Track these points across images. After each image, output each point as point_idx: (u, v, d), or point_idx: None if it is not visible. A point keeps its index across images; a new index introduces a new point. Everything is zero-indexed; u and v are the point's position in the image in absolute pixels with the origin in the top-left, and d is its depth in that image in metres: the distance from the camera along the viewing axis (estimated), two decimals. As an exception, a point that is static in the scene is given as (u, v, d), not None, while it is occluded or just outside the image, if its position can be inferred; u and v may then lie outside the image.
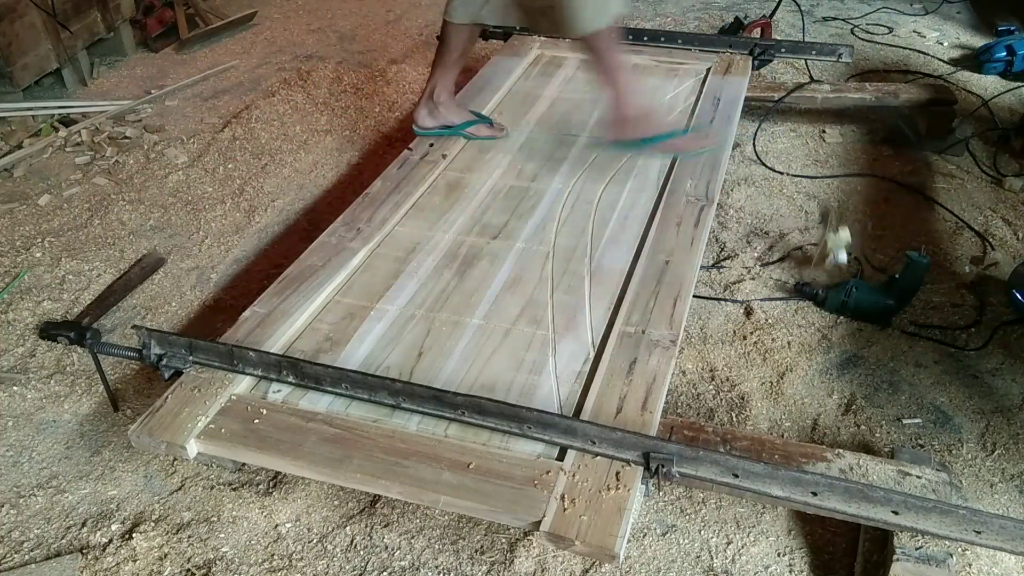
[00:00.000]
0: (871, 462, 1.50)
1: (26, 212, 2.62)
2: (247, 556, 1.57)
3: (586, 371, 1.64)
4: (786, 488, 1.36)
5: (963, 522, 1.29)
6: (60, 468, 1.76)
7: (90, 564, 1.55)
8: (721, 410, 1.88)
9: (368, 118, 3.18)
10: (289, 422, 1.51)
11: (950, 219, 2.52)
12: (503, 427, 1.47)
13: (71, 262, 2.37)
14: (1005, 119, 3.03)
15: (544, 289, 1.85)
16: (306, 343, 1.72)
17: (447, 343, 1.71)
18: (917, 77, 3.39)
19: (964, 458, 1.77)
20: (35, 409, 1.90)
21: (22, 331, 2.13)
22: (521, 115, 2.61)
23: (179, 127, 3.15)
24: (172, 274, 2.36)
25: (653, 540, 1.59)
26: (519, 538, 1.58)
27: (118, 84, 3.54)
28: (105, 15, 3.54)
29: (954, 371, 1.99)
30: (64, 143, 3.00)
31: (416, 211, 2.14)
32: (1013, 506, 1.67)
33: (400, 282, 1.88)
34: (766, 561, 1.56)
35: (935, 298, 2.21)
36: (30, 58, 3.17)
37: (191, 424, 1.50)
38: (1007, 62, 3.39)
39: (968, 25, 3.98)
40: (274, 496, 1.67)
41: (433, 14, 4.27)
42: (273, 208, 2.64)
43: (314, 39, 4.00)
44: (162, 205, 2.65)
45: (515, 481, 1.39)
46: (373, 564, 1.55)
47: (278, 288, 1.85)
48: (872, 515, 1.33)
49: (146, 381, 1.96)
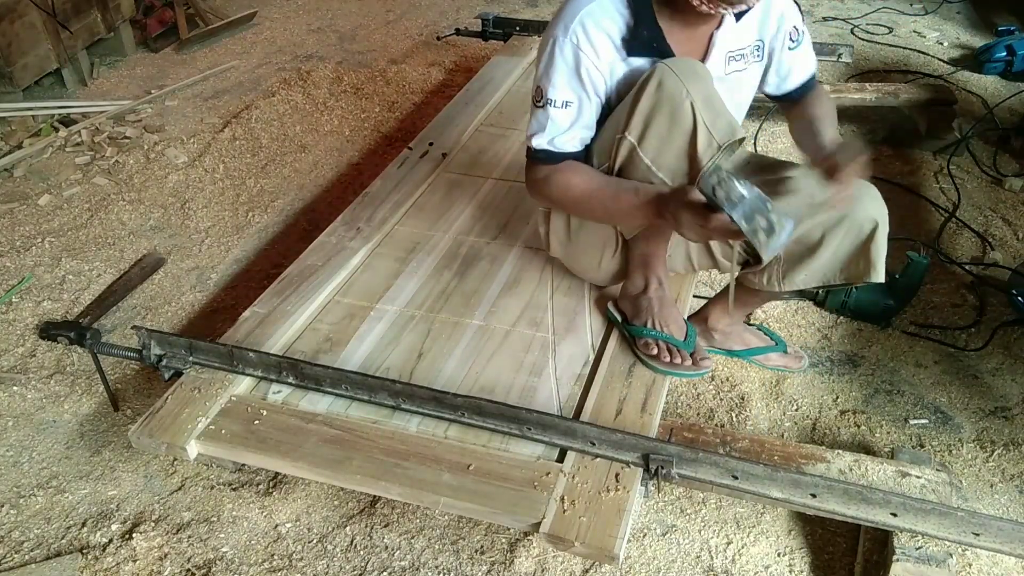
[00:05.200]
0: (871, 462, 1.50)
1: (26, 212, 2.62)
2: (247, 556, 1.57)
3: (586, 373, 1.64)
4: (785, 490, 1.36)
5: (962, 524, 1.29)
6: (60, 468, 1.76)
7: (90, 564, 1.55)
8: (721, 410, 1.88)
9: (368, 118, 3.18)
10: (289, 423, 1.51)
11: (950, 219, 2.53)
12: (503, 428, 1.47)
13: (71, 262, 2.37)
14: (1005, 119, 3.03)
15: (544, 290, 1.85)
16: (306, 343, 1.72)
17: (447, 344, 1.71)
18: (917, 77, 3.39)
19: (964, 458, 1.77)
20: (35, 409, 1.90)
21: (22, 331, 2.13)
22: (521, 115, 2.61)
23: (179, 127, 3.15)
24: (172, 274, 2.36)
25: (653, 540, 1.59)
26: (519, 538, 1.58)
27: (118, 84, 3.54)
28: (105, 15, 3.54)
29: (954, 371, 1.99)
30: (64, 143, 3.00)
31: (416, 211, 2.14)
32: (1013, 506, 1.67)
33: (400, 282, 1.88)
34: (766, 561, 1.56)
35: (935, 298, 2.21)
36: (30, 58, 3.17)
37: (191, 425, 1.50)
38: (1007, 62, 3.39)
39: (968, 25, 3.98)
40: (274, 496, 1.67)
41: (433, 14, 4.28)
42: (273, 208, 2.64)
43: (314, 39, 4.00)
44: (162, 205, 2.65)
45: (515, 482, 1.39)
46: (373, 564, 1.55)
47: (278, 288, 1.85)
48: (871, 517, 1.33)
49: (146, 381, 1.96)
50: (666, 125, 1.42)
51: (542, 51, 1.51)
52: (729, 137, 1.42)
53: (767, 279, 1.66)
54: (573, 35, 1.44)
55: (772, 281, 1.66)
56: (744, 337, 1.96)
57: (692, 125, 1.41)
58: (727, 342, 1.96)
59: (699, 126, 1.41)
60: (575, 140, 1.54)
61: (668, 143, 1.44)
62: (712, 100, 1.42)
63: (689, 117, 1.40)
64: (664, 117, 1.42)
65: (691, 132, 1.42)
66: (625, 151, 1.48)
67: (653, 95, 1.41)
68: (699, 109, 1.40)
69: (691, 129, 1.41)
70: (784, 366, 1.97)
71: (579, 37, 1.44)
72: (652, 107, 1.41)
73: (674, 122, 1.41)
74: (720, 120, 1.42)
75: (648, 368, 1.62)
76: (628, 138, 1.46)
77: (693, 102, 1.39)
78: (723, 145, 1.42)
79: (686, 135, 1.42)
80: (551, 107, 1.50)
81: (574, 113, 1.51)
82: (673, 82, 1.39)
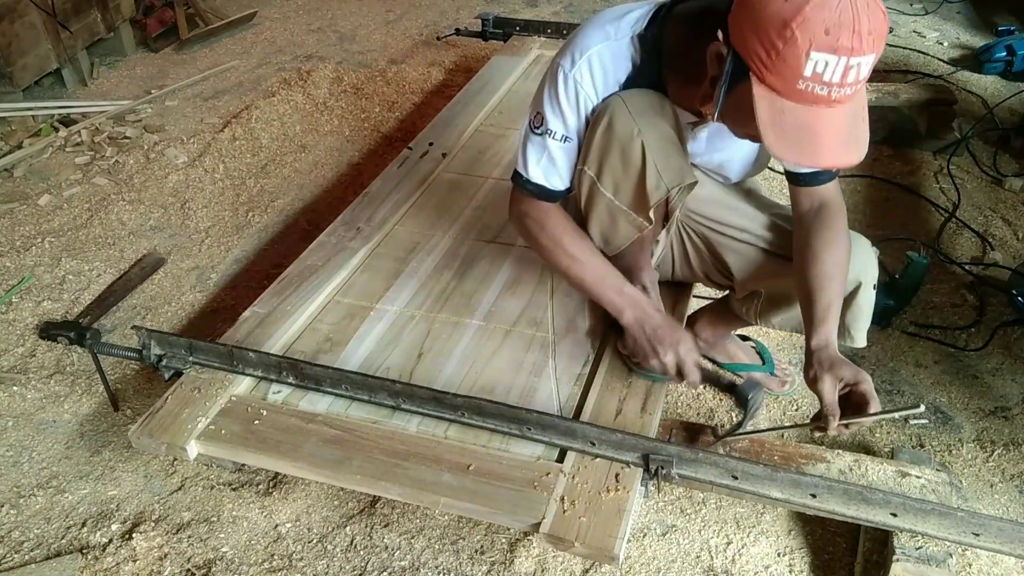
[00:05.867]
0: (871, 462, 1.50)
1: (26, 212, 2.62)
2: (247, 556, 1.57)
3: (586, 373, 1.64)
4: (785, 490, 1.36)
5: (962, 524, 1.29)
6: (60, 468, 1.76)
7: (90, 564, 1.55)
8: (721, 410, 1.88)
9: (368, 118, 3.18)
10: (289, 423, 1.51)
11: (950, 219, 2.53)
12: (503, 428, 1.47)
13: (71, 262, 2.37)
14: (1005, 119, 3.03)
15: (544, 290, 1.85)
16: (306, 343, 1.72)
17: (447, 344, 1.71)
18: (917, 77, 3.39)
19: (964, 458, 1.77)
20: (35, 409, 1.90)
21: (22, 331, 2.13)
22: (521, 115, 2.60)
23: (179, 127, 3.15)
24: (172, 274, 2.36)
25: (653, 540, 1.59)
26: (519, 538, 1.58)
27: (118, 84, 3.54)
28: (105, 15, 3.54)
29: (954, 371, 1.99)
30: (64, 143, 3.00)
31: (416, 211, 2.14)
32: (1013, 506, 1.67)
33: (400, 282, 1.88)
34: (766, 561, 1.56)
35: (935, 298, 2.21)
36: (30, 58, 3.17)
37: (191, 425, 1.50)
38: (1007, 62, 3.39)
39: (968, 25, 3.98)
40: (274, 496, 1.67)
41: (433, 14, 4.27)
42: (273, 208, 2.64)
43: (314, 39, 4.00)
44: (162, 205, 2.65)
45: (515, 483, 1.39)
46: (373, 564, 1.55)
47: (278, 288, 1.85)
48: (871, 517, 1.33)
49: (146, 381, 1.96)
50: (619, 162, 1.40)
51: (547, 76, 1.45)
52: (679, 180, 1.39)
53: (744, 310, 1.67)
54: (578, 71, 1.39)
55: (749, 314, 1.66)
56: (730, 350, 1.94)
57: (641, 165, 1.38)
58: (712, 351, 1.95)
59: (648, 166, 1.38)
60: (567, 177, 1.49)
61: (624, 179, 1.42)
62: (666, 140, 1.38)
63: (639, 156, 1.37)
64: (616, 153, 1.39)
65: (640, 171, 1.39)
66: (587, 184, 1.46)
67: (605, 132, 1.38)
68: (649, 148, 1.36)
69: (640, 168, 1.39)
70: (767, 387, 1.93)
71: (583, 74, 1.39)
72: (605, 144, 1.39)
73: (625, 159, 1.39)
74: (672, 161, 1.38)
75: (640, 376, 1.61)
76: (588, 172, 1.44)
77: (644, 141, 1.36)
78: (671, 188, 1.39)
79: (636, 173, 1.40)
80: (550, 138, 1.44)
81: (573, 149, 1.46)
82: (624, 119, 1.35)
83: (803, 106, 1.12)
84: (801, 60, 1.08)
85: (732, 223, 1.59)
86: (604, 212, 1.48)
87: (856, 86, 1.12)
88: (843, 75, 1.09)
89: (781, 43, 1.08)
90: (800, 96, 1.11)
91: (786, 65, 1.09)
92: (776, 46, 1.08)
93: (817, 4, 1.06)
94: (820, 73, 1.08)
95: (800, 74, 1.09)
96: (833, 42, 1.06)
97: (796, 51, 1.07)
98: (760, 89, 1.13)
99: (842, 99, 1.12)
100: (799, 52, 1.07)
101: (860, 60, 1.09)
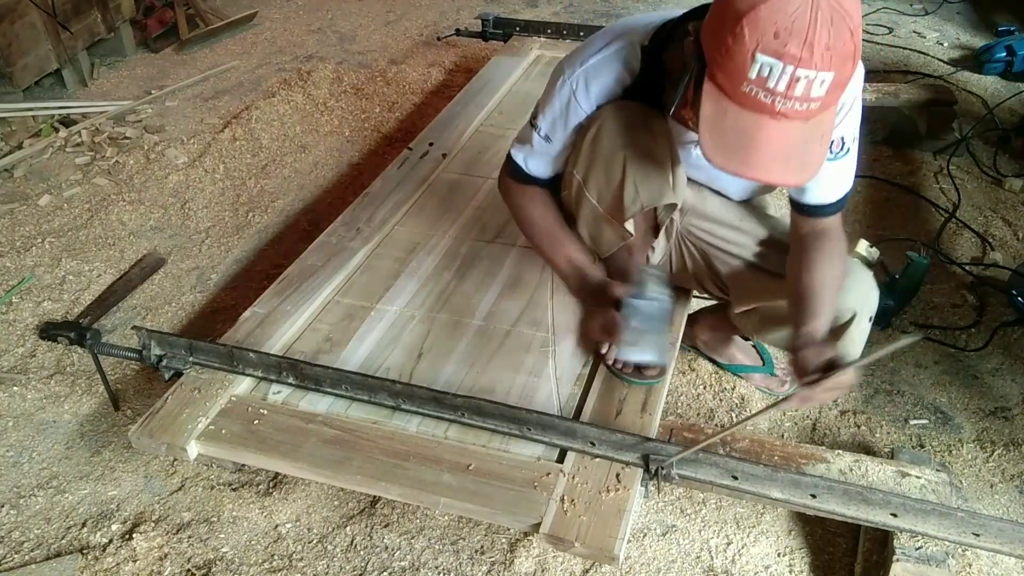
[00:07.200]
0: (871, 463, 1.50)
1: (26, 212, 2.62)
2: (247, 556, 1.57)
3: (586, 373, 1.64)
4: (785, 490, 1.36)
5: (962, 524, 1.29)
6: (60, 468, 1.76)
7: (90, 564, 1.55)
8: (721, 410, 1.88)
9: (368, 118, 3.18)
10: (289, 423, 1.51)
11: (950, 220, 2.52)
12: (503, 429, 1.47)
13: (71, 262, 2.37)
14: (1005, 119, 3.03)
15: (544, 290, 1.85)
16: (306, 344, 1.72)
17: (447, 344, 1.71)
18: (917, 77, 3.39)
19: (964, 458, 1.77)
20: (35, 409, 1.90)
21: (22, 331, 2.13)
22: (521, 115, 2.60)
23: (179, 127, 3.15)
24: (172, 274, 2.36)
25: (653, 540, 1.59)
26: (519, 538, 1.58)
27: (118, 84, 3.54)
28: (105, 15, 3.54)
29: (954, 371, 2.00)
30: (64, 143, 3.00)
31: (416, 211, 2.14)
32: (1013, 506, 1.67)
33: (400, 282, 1.88)
34: (766, 561, 1.56)
35: (935, 298, 2.21)
36: (30, 58, 3.17)
37: (191, 425, 1.50)
38: (1007, 62, 3.39)
39: (968, 25, 3.98)
40: (274, 496, 1.67)
41: (433, 14, 4.28)
42: (273, 208, 2.64)
43: (314, 39, 4.00)
44: (162, 205, 2.65)
45: (515, 483, 1.39)
46: (373, 564, 1.55)
47: (278, 288, 1.85)
48: (871, 517, 1.33)
49: (146, 381, 1.96)
50: (602, 173, 1.42)
51: (553, 76, 1.47)
52: (656, 199, 1.39)
53: (742, 325, 1.68)
54: (575, 81, 1.40)
55: (746, 329, 1.67)
56: (729, 351, 1.95)
57: (620, 179, 1.39)
58: (710, 350, 1.96)
59: (627, 181, 1.38)
60: (547, 169, 1.55)
61: (605, 189, 1.44)
62: (648, 158, 1.37)
63: (619, 171, 1.38)
64: (600, 164, 1.40)
65: (619, 185, 1.40)
66: (575, 188, 1.49)
67: (592, 142, 1.40)
68: (630, 164, 1.36)
69: (620, 182, 1.39)
70: (766, 388, 1.94)
71: (579, 85, 1.40)
72: (591, 153, 1.41)
73: (608, 171, 1.40)
74: (651, 178, 1.38)
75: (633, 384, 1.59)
76: (576, 176, 1.47)
77: (626, 156, 1.36)
78: (647, 206, 1.40)
79: (616, 186, 1.41)
80: (536, 132, 1.50)
81: (553, 149, 1.51)
82: (611, 133, 1.36)
83: (746, 112, 1.07)
84: (747, 60, 1.03)
85: (730, 239, 1.60)
86: (590, 216, 1.52)
87: (808, 103, 1.05)
88: (788, 85, 1.03)
89: (731, 39, 1.04)
90: (744, 99, 1.06)
91: (733, 63, 1.05)
92: (727, 41, 1.04)
93: (774, 5, 1.00)
94: (765, 78, 1.03)
95: (745, 75, 1.04)
96: (780, 47, 1.00)
97: (743, 49, 1.03)
98: (709, 86, 1.10)
99: (788, 112, 1.06)
100: (745, 51, 1.03)
101: (809, 74, 1.02)
